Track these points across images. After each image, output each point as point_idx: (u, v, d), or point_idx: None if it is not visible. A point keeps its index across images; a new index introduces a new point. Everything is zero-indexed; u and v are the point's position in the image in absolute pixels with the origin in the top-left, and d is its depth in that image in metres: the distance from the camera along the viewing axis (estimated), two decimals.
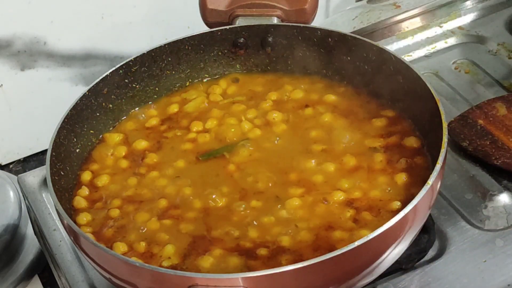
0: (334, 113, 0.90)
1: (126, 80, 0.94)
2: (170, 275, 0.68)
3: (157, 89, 0.97)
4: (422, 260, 0.84)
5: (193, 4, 0.99)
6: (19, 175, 1.00)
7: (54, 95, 1.13)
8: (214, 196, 0.82)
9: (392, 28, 1.20)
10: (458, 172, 0.93)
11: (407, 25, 1.20)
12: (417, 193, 0.72)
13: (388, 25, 1.21)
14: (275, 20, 0.96)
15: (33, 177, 0.98)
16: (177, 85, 0.98)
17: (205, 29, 0.98)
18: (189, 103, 0.95)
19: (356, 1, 1.24)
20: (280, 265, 0.68)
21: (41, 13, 1.07)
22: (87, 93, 0.89)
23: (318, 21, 1.06)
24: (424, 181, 0.74)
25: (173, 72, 0.97)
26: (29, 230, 1.02)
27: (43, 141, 0.94)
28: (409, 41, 1.17)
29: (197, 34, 0.96)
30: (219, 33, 0.96)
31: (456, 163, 0.94)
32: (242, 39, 0.97)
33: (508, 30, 1.15)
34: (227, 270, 0.74)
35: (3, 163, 1.18)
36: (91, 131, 0.91)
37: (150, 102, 0.96)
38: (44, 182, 0.97)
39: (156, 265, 0.75)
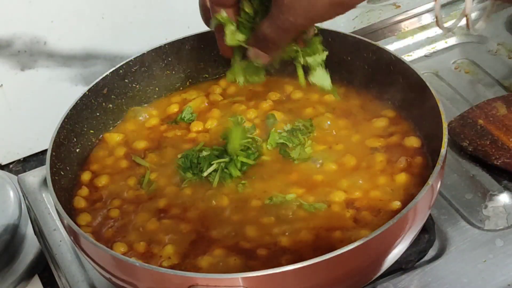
0: (334, 113, 0.90)
1: (126, 80, 0.94)
2: (170, 275, 0.68)
3: (157, 89, 0.97)
4: (422, 260, 0.84)
5: (193, 4, 0.99)
6: (19, 175, 1.00)
7: (54, 95, 1.12)
8: (214, 196, 0.82)
9: (392, 28, 1.20)
10: (458, 172, 0.93)
11: (407, 25, 1.20)
12: (417, 193, 0.72)
13: (388, 25, 1.21)
14: None
15: (33, 177, 0.98)
16: (177, 85, 0.98)
17: (205, 29, 0.98)
18: (189, 103, 0.95)
19: None
20: (280, 265, 0.67)
21: (41, 13, 1.07)
22: (87, 93, 0.89)
23: None
24: (424, 181, 0.74)
25: (173, 72, 0.97)
26: (29, 230, 1.02)
27: (43, 141, 0.93)
28: (409, 41, 1.17)
29: (197, 34, 0.96)
30: None
31: (456, 163, 0.94)
32: None
33: (508, 30, 1.15)
34: (227, 270, 0.73)
35: (3, 163, 1.18)
36: (91, 131, 0.91)
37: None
38: (44, 182, 0.97)
39: (156, 265, 0.75)
